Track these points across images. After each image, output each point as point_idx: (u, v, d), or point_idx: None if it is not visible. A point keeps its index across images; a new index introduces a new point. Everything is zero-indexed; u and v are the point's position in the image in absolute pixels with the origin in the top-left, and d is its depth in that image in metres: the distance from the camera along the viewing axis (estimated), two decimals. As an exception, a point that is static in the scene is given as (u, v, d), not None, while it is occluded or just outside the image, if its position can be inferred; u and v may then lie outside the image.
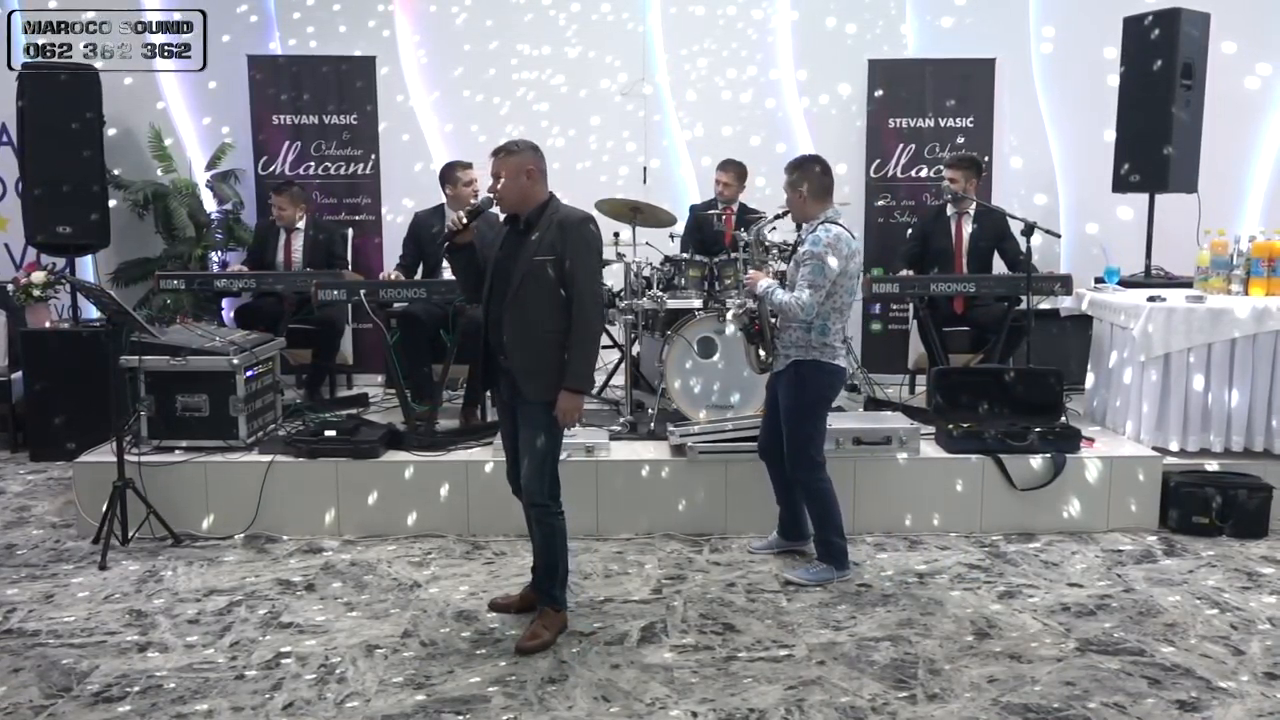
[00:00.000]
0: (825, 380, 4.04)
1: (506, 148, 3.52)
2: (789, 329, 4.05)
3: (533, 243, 3.46)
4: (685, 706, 3.11)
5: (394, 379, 5.25)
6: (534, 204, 3.50)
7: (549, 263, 3.42)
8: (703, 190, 6.99)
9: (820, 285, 3.90)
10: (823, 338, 3.98)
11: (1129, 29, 6.01)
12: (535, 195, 3.50)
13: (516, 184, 3.48)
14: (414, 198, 6.77)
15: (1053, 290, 5.56)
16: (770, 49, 7.13)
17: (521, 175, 3.47)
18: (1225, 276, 5.25)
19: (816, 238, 3.95)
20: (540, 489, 3.52)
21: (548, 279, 3.43)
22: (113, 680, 3.30)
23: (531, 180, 3.49)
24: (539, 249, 3.44)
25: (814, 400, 4.07)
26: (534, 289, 3.44)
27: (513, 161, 3.48)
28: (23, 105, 5.91)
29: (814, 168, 4.12)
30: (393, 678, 3.31)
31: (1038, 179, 7.09)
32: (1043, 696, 3.17)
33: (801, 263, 3.96)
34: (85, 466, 4.73)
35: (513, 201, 3.51)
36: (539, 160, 3.52)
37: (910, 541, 4.58)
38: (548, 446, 3.51)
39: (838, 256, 3.91)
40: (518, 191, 3.48)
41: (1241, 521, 4.61)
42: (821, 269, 3.89)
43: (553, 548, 3.59)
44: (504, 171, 3.48)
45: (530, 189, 3.49)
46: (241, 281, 5.76)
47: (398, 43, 7.08)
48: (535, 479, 3.52)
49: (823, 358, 3.99)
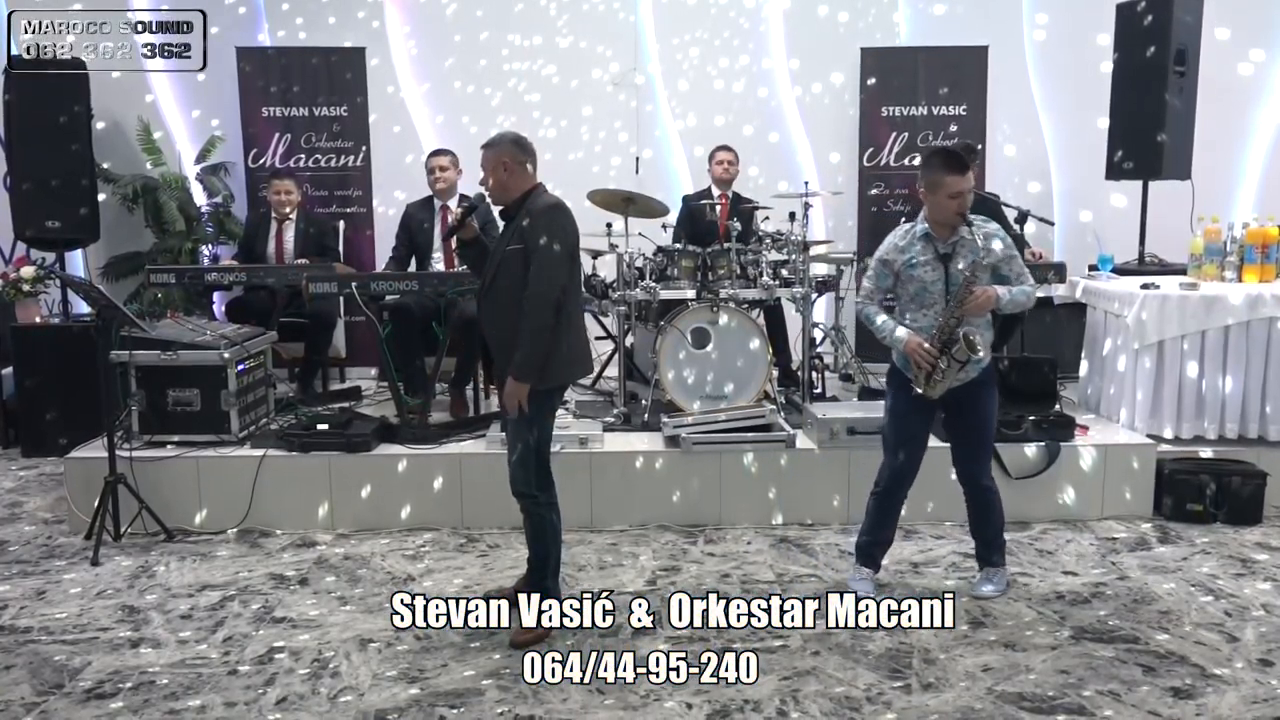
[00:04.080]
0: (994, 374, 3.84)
1: (487, 142, 3.53)
2: (983, 330, 3.71)
3: (507, 233, 3.48)
4: (680, 698, 3.11)
5: (386, 372, 5.23)
6: (516, 195, 3.49)
7: (517, 252, 3.40)
8: (695, 180, 6.97)
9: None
10: (989, 334, 3.82)
11: (1122, 15, 6.00)
12: (516, 186, 3.49)
13: (496, 177, 3.49)
14: (405, 190, 6.75)
15: (1046, 278, 5.55)
16: (762, 38, 7.10)
17: (499, 168, 3.47)
18: (1219, 263, 5.25)
19: (992, 231, 3.67)
20: (524, 479, 3.50)
21: (517, 269, 3.39)
22: (105, 676, 3.29)
23: (509, 173, 3.47)
24: (510, 239, 3.44)
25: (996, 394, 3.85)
26: (504, 280, 3.42)
27: (490, 155, 3.49)
28: (9, 99, 5.86)
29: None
30: (386, 672, 3.30)
31: (1031, 167, 7.08)
32: (1037, 685, 3.17)
33: (1011, 258, 3.66)
34: (77, 462, 4.70)
35: (496, 195, 3.53)
36: (516, 152, 3.49)
37: (905, 531, 4.56)
38: (530, 437, 3.47)
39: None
40: (498, 185, 3.49)
41: (1235, 508, 4.62)
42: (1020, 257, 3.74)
43: (543, 539, 3.57)
44: (485, 166, 3.51)
45: (509, 181, 3.48)
46: (232, 275, 5.73)
47: (387, 34, 7.04)
48: (519, 468, 3.50)
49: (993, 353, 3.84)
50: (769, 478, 4.68)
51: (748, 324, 5.17)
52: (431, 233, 5.68)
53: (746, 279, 5.34)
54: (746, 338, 5.15)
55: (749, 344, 5.15)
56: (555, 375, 3.47)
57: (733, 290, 5.23)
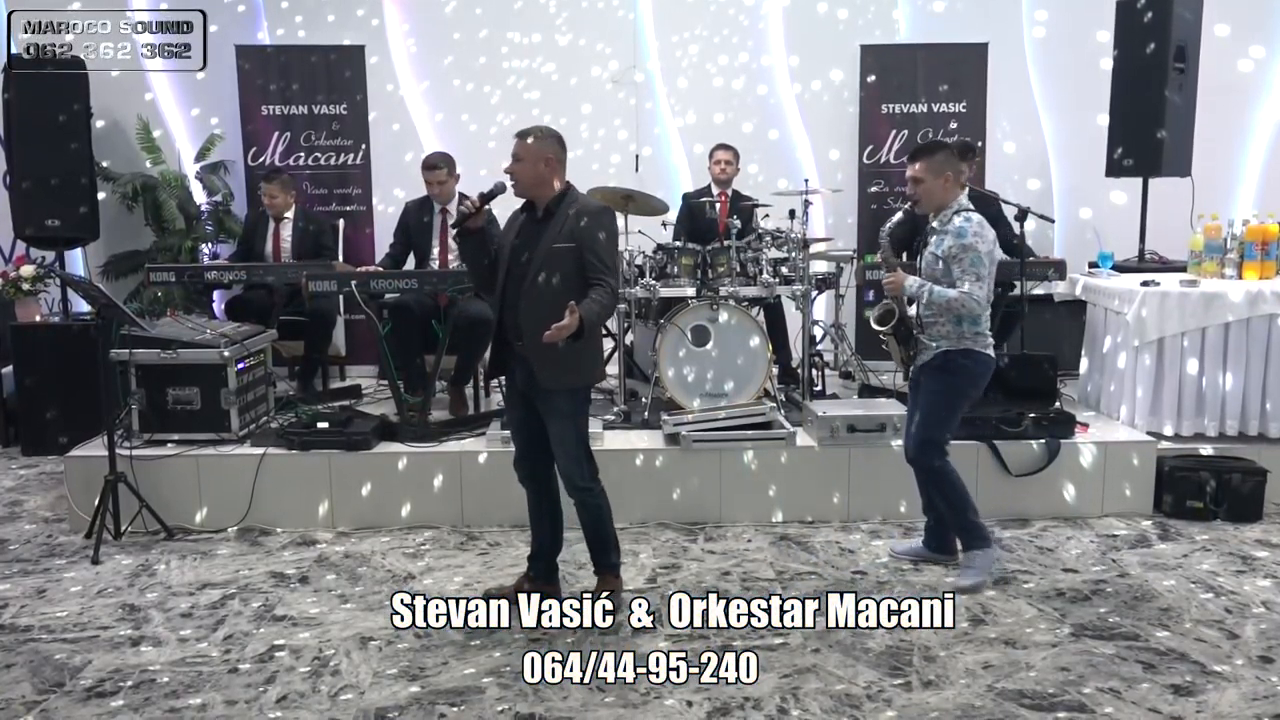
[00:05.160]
0: (976, 369, 3.89)
1: (532, 132, 3.52)
2: (937, 322, 3.91)
3: (552, 231, 3.47)
4: (680, 696, 3.11)
5: (386, 371, 5.22)
6: (549, 192, 3.51)
7: (568, 250, 3.44)
8: (695, 178, 6.96)
9: (984, 275, 3.78)
10: (975, 327, 3.85)
11: (1122, 12, 5.99)
12: (551, 184, 3.52)
13: (534, 170, 3.49)
14: (405, 188, 6.74)
15: (1046, 275, 5.56)
16: (762, 35, 7.09)
17: (540, 163, 3.48)
18: (1219, 260, 5.24)
19: (961, 229, 3.78)
20: (580, 474, 3.57)
21: (566, 267, 3.44)
22: (106, 675, 3.29)
23: (550, 169, 3.50)
24: (558, 237, 3.45)
25: (961, 387, 3.92)
26: (552, 277, 3.44)
27: (534, 147, 3.49)
28: (9, 98, 5.85)
29: (952, 151, 3.95)
30: (387, 670, 3.30)
31: (1031, 164, 7.08)
32: (1038, 682, 3.17)
33: (956, 258, 3.78)
34: (77, 461, 4.70)
35: (526, 185, 3.52)
36: (560, 151, 3.54)
37: (905, 529, 4.58)
38: (577, 433, 3.56)
39: (985, 244, 3.79)
40: (534, 177, 3.49)
41: (1236, 505, 4.62)
42: (979, 259, 3.76)
43: (602, 525, 3.66)
44: (523, 155, 3.50)
45: (546, 176, 3.50)
46: (232, 274, 5.73)
47: (387, 31, 7.03)
48: (573, 466, 3.56)
49: (975, 346, 3.86)
50: (769, 475, 4.68)
51: (748, 321, 5.17)
52: (430, 231, 5.66)
53: (746, 276, 5.34)
54: (746, 335, 5.15)
55: (749, 342, 5.15)
56: (594, 374, 3.63)
57: (733, 288, 5.23)
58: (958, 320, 3.84)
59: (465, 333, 5.26)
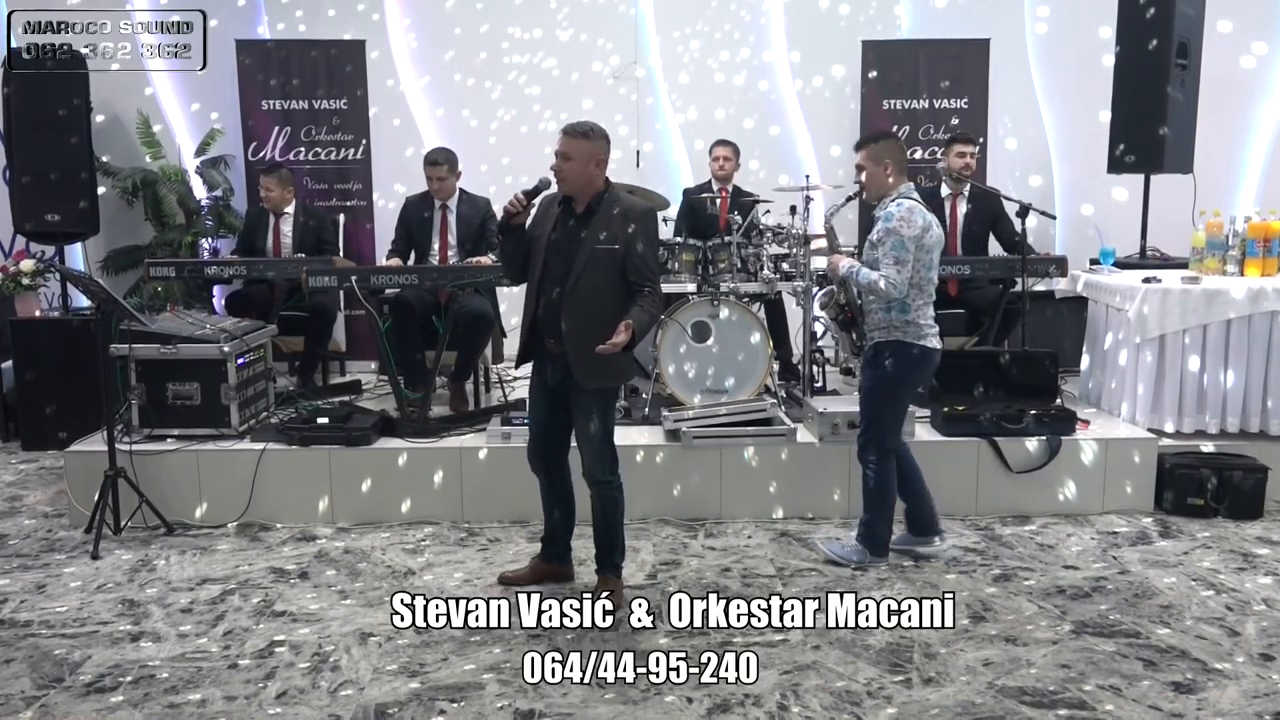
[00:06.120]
0: (906, 361, 3.89)
1: (583, 130, 3.48)
2: (872, 311, 3.96)
3: (594, 230, 3.46)
4: (680, 692, 3.10)
5: (386, 366, 5.22)
6: (594, 191, 3.51)
7: (612, 252, 3.44)
8: (696, 173, 6.95)
9: (905, 260, 3.78)
10: (903, 316, 3.86)
11: (1124, 8, 5.97)
12: (598, 183, 3.52)
13: (585, 170, 3.47)
14: (405, 183, 6.73)
15: (1048, 272, 5.55)
16: (763, 31, 7.08)
17: (591, 163, 3.47)
18: (1220, 257, 5.23)
19: (889, 214, 3.84)
20: (603, 468, 3.61)
21: (610, 268, 3.45)
22: (105, 670, 3.28)
23: (599, 169, 3.51)
24: (603, 238, 3.44)
25: (892, 379, 3.91)
26: (595, 277, 3.44)
27: (586, 147, 3.46)
28: (9, 93, 5.84)
29: (896, 141, 4.03)
30: (386, 666, 3.30)
31: (1032, 160, 7.06)
32: (1038, 679, 3.17)
33: (879, 242, 3.85)
34: (77, 456, 4.70)
35: (575, 185, 3.50)
36: (607, 151, 3.54)
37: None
38: (605, 428, 3.59)
39: (911, 229, 3.80)
40: (584, 177, 3.48)
41: (1237, 503, 4.61)
42: (902, 244, 3.78)
43: (614, 520, 3.69)
44: (574, 153, 3.46)
45: (596, 176, 3.50)
46: (232, 269, 5.72)
47: (387, 26, 7.01)
48: (597, 459, 3.60)
49: (905, 337, 3.87)
50: (769, 471, 4.68)
51: (748, 318, 5.16)
52: (430, 227, 5.66)
53: (747, 273, 5.34)
54: (747, 331, 5.14)
55: (749, 338, 5.14)
56: (630, 373, 3.72)
57: (733, 284, 5.22)
58: (887, 308, 3.89)
59: (465, 328, 5.26)
